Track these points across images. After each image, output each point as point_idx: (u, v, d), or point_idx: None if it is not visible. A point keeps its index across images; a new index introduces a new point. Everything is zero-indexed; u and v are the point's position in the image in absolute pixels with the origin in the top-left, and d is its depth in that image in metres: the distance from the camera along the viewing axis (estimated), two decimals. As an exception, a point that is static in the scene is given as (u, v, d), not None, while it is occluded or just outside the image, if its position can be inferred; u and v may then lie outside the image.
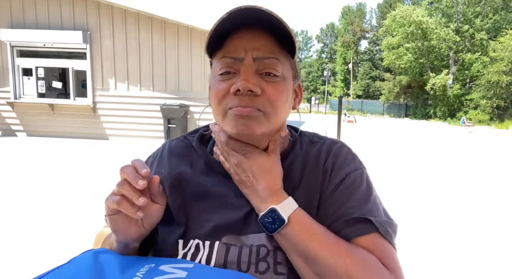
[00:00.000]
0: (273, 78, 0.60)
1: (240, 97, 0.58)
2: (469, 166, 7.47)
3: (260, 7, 0.55)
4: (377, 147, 10.10)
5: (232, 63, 0.59)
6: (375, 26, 52.31)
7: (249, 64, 0.58)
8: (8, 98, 8.96)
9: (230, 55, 0.59)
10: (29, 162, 6.03)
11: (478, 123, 23.72)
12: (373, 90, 46.42)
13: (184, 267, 0.52)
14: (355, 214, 0.59)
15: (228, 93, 0.59)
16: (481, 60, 27.39)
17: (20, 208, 3.67)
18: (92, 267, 0.51)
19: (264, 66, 0.59)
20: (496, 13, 29.69)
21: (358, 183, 0.64)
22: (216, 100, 0.61)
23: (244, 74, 0.57)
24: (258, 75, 0.59)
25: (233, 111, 0.58)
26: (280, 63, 0.60)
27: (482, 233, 3.48)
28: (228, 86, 0.59)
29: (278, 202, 0.59)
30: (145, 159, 0.76)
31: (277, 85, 0.60)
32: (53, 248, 2.71)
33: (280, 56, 0.60)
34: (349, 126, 17.63)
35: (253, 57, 0.58)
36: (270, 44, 0.59)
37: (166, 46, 8.61)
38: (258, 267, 0.57)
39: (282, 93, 0.60)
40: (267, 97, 0.59)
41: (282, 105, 0.61)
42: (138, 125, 8.88)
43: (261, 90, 0.58)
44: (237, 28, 0.59)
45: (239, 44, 0.59)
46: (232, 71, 0.59)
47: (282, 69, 0.61)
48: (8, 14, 8.78)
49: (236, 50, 0.59)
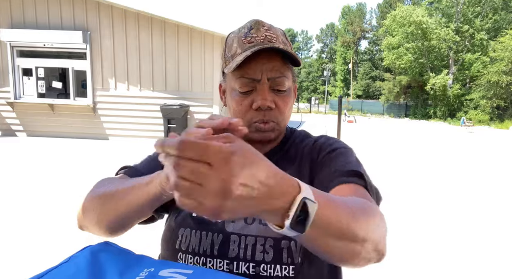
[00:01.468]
0: (282, 93, 0.74)
1: (261, 113, 0.72)
2: (469, 166, 7.47)
3: (276, 47, 0.68)
4: (377, 147, 10.10)
5: (251, 83, 0.71)
6: (375, 26, 52.31)
7: (264, 83, 0.71)
8: (8, 98, 8.96)
9: (249, 77, 0.71)
10: (29, 162, 6.03)
11: (478, 123, 23.72)
12: (373, 90, 46.42)
13: (183, 273, 0.52)
14: (350, 168, 0.67)
15: (250, 108, 0.72)
16: (481, 60, 27.37)
17: (20, 208, 3.67)
18: (91, 268, 0.51)
19: (276, 84, 0.72)
20: (496, 13, 29.68)
21: (349, 154, 0.74)
22: (241, 113, 0.74)
23: (262, 93, 0.71)
24: (271, 91, 0.72)
25: (256, 126, 0.73)
26: (286, 79, 0.73)
27: (482, 233, 3.48)
28: (249, 102, 0.72)
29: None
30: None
31: (285, 98, 0.74)
32: (53, 248, 2.71)
33: (286, 73, 0.73)
34: (349, 126, 17.63)
35: (268, 77, 0.71)
36: (279, 64, 0.71)
37: (166, 46, 8.61)
38: (262, 220, 0.66)
39: (288, 104, 0.75)
40: (279, 109, 0.73)
41: (289, 112, 0.77)
42: (138, 125, 8.88)
43: (274, 103, 0.72)
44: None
45: (256, 67, 0.70)
46: (250, 89, 0.72)
47: (288, 83, 0.73)
48: (8, 14, 8.79)
49: (254, 73, 0.70)
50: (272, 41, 0.71)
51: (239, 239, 0.67)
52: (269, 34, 0.72)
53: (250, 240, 0.67)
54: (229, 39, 0.75)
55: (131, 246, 0.62)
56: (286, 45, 0.73)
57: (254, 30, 0.72)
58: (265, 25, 0.73)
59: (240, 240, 0.67)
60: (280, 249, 0.66)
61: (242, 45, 0.71)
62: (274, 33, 0.73)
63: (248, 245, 0.67)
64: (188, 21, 8.36)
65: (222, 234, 0.68)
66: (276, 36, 0.72)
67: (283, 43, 0.73)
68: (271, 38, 0.71)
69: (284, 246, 0.66)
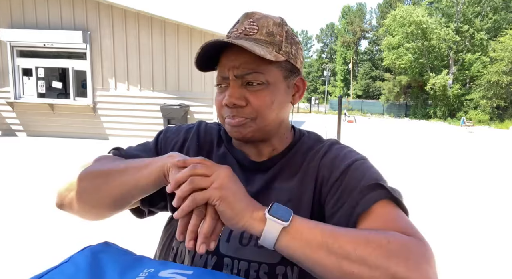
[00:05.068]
0: (256, 87, 0.66)
1: (229, 110, 0.67)
2: (469, 166, 7.47)
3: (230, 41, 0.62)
4: (377, 147, 10.10)
5: (223, 80, 0.69)
6: (375, 26, 52.28)
7: (232, 80, 0.67)
8: (8, 98, 8.96)
9: (220, 74, 0.69)
10: (29, 162, 6.03)
11: (478, 123, 23.71)
12: (373, 90, 46.40)
13: (183, 273, 0.52)
14: (369, 182, 0.62)
15: (222, 104, 0.69)
16: (481, 60, 27.36)
17: (20, 208, 3.67)
18: (91, 268, 0.51)
19: (245, 80, 0.66)
20: (496, 13, 29.67)
21: (367, 166, 0.67)
22: (216, 109, 0.72)
23: (229, 91, 0.67)
24: (243, 87, 0.67)
25: (226, 122, 0.69)
26: (261, 73, 0.66)
27: (482, 233, 3.48)
28: (222, 98, 0.69)
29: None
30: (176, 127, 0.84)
31: (260, 92, 0.67)
32: (52, 248, 2.71)
33: (260, 68, 0.65)
34: (349, 126, 17.63)
35: (235, 75, 0.66)
36: (249, 60, 0.65)
37: (166, 46, 8.61)
38: (257, 242, 0.61)
39: (265, 98, 0.67)
40: (252, 106, 0.66)
41: (269, 107, 0.67)
42: (138, 125, 8.87)
43: (246, 100, 0.66)
44: (221, 50, 0.68)
45: (225, 64, 0.67)
46: (224, 85, 0.69)
47: (265, 77, 0.66)
48: (8, 14, 8.78)
49: (223, 70, 0.68)
50: (250, 34, 0.66)
51: (232, 263, 0.64)
52: (250, 27, 0.67)
53: (243, 266, 0.64)
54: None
55: (131, 246, 0.62)
56: (273, 36, 0.67)
57: (238, 24, 0.68)
58: (253, 17, 0.68)
59: (233, 265, 0.64)
60: (275, 276, 0.63)
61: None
62: (258, 25, 0.67)
63: (241, 270, 0.64)
64: (188, 21, 8.37)
65: (216, 256, 0.66)
66: (260, 27, 0.66)
67: (267, 34, 0.66)
68: (250, 30, 0.66)
69: (279, 272, 0.63)
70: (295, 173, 0.71)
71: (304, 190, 0.68)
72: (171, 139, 0.80)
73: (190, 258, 0.67)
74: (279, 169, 0.72)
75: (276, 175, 0.72)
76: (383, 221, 0.56)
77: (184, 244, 0.65)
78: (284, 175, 0.71)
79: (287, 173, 0.71)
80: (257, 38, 0.66)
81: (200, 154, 0.75)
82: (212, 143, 0.79)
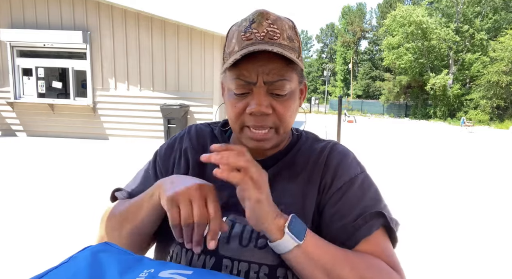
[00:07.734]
0: (282, 97, 0.66)
1: (254, 118, 0.65)
2: (469, 166, 7.47)
3: (269, 50, 0.60)
4: (377, 147, 10.10)
5: (246, 85, 0.64)
6: (375, 26, 52.29)
7: (260, 87, 0.64)
8: (8, 98, 8.96)
9: (244, 79, 0.64)
10: (29, 162, 6.03)
11: (478, 123, 23.72)
12: (373, 90, 46.41)
13: (183, 274, 0.52)
14: (372, 209, 0.66)
15: (244, 111, 0.66)
16: (481, 60, 27.37)
17: (20, 208, 3.67)
18: (91, 268, 0.51)
19: (274, 88, 0.64)
20: (496, 13, 29.69)
21: (368, 183, 0.70)
22: (234, 116, 0.67)
23: (257, 98, 0.64)
24: (268, 95, 0.65)
25: (248, 133, 0.67)
26: (288, 81, 0.65)
27: (482, 233, 3.48)
28: (243, 105, 0.66)
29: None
30: (167, 142, 0.83)
31: (285, 102, 0.66)
32: (53, 248, 2.71)
33: (287, 75, 0.65)
34: (349, 126, 17.63)
35: (264, 81, 0.63)
36: (279, 66, 0.63)
37: (166, 46, 8.61)
38: (258, 244, 0.63)
39: (290, 108, 0.67)
40: (277, 114, 0.65)
41: (290, 117, 0.68)
42: (138, 125, 8.88)
43: (272, 108, 0.65)
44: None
45: (252, 69, 0.63)
46: (246, 91, 0.65)
47: (290, 85, 0.66)
48: (8, 14, 8.78)
49: (249, 75, 0.63)
50: (274, 38, 0.63)
51: (232, 265, 0.63)
52: (272, 30, 0.63)
53: (243, 267, 0.62)
54: (230, 33, 0.68)
55: (131, 246, 0.62)
56: (292, 42, 0.65)
57: (256, 24, 0.63)
58: (270, 18, 0.64)
59: (233, 266, 0.62)
60: (275, 278, 0.62)
61: (240, 42, 0.63)
62: (279, 28, 0.64)
63: (240, 271, 0.62)
64: (188, 21, 8.36)
65: (215, 257, 0.64)
66: (281, 31, 0.64)
67: (289, 39, 0.64)
68: (273, 34, 0.63)
69: (280, 274, 0.62)
70: (297, 173, 0.71)
71: (307, 194, 0.69)
72: (168, 156, 0.79)
73: (187, 260, 0.65)
74: (280, 168, 0.72)
75: (277, 174, 0.71)
76: (377, 249, 0.63)
77: (179, 247, 0.66)
78: (285, 175, 0.71)
79: (289, 172, 0.71)
80: (282, 44, 0.63)
81: (197, 157, 0.73)
82: (205, 145, 0.78)
